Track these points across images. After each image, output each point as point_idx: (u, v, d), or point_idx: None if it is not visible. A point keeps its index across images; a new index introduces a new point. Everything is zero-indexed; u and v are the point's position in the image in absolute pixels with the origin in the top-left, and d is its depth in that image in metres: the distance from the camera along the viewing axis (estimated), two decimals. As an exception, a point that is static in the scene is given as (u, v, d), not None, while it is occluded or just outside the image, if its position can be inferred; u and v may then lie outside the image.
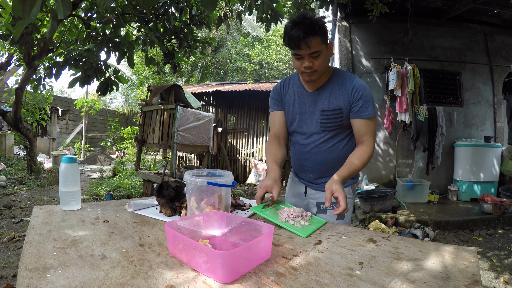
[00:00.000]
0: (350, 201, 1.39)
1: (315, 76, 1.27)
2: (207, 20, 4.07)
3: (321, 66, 1.24)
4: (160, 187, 1.15)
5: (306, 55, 1.21)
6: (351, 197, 1.41)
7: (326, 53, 1.25)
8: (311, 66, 1.23)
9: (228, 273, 0.61)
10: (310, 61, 1.22)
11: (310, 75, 1.26)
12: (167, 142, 4.22)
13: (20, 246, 2.79)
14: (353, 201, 1.46)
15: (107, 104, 18.26)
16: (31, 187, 5.51)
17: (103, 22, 3.28)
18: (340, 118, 1.33)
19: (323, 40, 1.21)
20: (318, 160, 1.40)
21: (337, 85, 1.33)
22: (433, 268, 0.68)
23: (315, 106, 1.36)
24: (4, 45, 6.48)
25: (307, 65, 1.23)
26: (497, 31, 5.31)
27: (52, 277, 0.59)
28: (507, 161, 4.57)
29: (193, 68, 14.58)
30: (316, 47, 1.19)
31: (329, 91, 1.34)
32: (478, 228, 3.62)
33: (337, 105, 1.32)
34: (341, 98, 1.31)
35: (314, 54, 1.21)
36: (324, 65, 1.26)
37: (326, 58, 1.26)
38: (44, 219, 0.97)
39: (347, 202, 1.11)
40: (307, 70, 1.24)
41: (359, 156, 1.27)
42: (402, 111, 4.56)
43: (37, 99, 6.73)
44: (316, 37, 1.18)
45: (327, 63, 1.29)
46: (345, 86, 1.31)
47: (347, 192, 1.36)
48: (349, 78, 1.34)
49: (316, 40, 1.18)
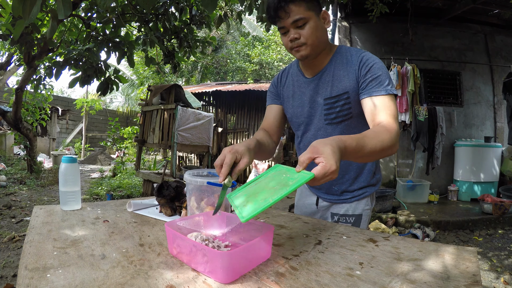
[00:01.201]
0: (368, 212, 1.19)
1: (306, 51, 1.04)
2: (207, 20, 4.07)
3: (311, 37, 1.02)
4: (160, 187, 1.15)
5: (289, 26, 1.02)
6: (368, 208, 1.19)
7: (318, 22, 1.04)
8: (297, 37, 1.03)
9: (228, 273, 0.61)
10: (296, 32, 1.02)
11: (299, 49, 1.05)
12: (167, 142, 4.22)
13: (20, 246, 2.79)
14: (371, 211, 1.21)
15: (107, 104, 18.27)
16: (31, 187, 5.51)
17: (103, 22, 3.28)
18: (347, 105, 1.08)
19: (310, 7, 1.02)
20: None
21: (341, 64, 1.09)
22: (433, 268, 0.68)
23: (317, 94, 1.13)
24: (4, 45, 6.48)
25: (292, 37, 1.03)
26: (497, 31, 5.31)
27: (52, 277, 0.59)
28: (507, 161, 4.57)
29: (193, 68, 14.59)
30: (298, 14, 1.00)
31: (331, 73, 1.10)
32: (478, 228, 3.62)
33: (342, 89, 1.07)
34: (347, 79, 1.07)
35: (298, 23, 1.01)
36: (315, 35, 1.03)
37: (318, 28, 1.04)
38: (44, 219, 0.97)
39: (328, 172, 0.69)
40: (294, 43, 1.04)
41: (375, 133, 0.90)
42: (402, 111, 4.56)
43: (37, 99, 6.73)
44: (299, 2, 1.00)
45: (321, 35, 1.05)
46: (350, 63, 1.07)
47: (364, 204, 1.18)
48: (356, 53, 1.09)
49: (299, 6, 1.00)
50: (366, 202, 1.19)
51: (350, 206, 1.19)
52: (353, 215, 1.18)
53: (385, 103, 0.99)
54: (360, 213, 1.18)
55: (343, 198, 1.20)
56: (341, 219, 1.18)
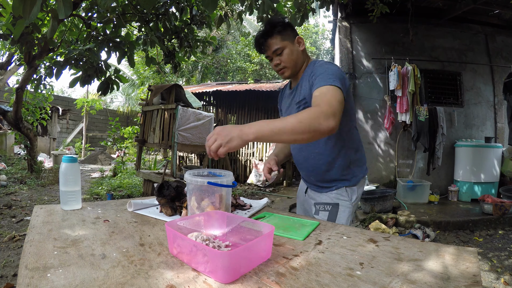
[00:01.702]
0: (347, 204, 1.33)
1: (288, 72, 1.32)
2: (207, 20, 4.07)
3: (288, 61, 1.29)
4: (160, 186, 1.15)
5: (271, 55, 1.30)
6: (346, 200, 1.33)
7: (293, 48, 1.29)
8: (278, 63, 1.30)
9: (228, 273, 0.61)
10: (277, 59, 1.30)
11: (282, 72, 1.33)
12: (168, 142, 4.22)
13: (20, 245, 2.80)
14: (350, 204, 1.34)
15: (108, 104, 18.27)
16: (32, 187, 5.52)
17: (103, 21, 3.28)
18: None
19: (284, 37, 1.27)
20: (309, 164, 1.38)
21: (306, 75, 1.30)
22: (433, 268, 0.68)
23: (293, 101, 1.36)
24: (4, 44, 6.49)
25: (275, 63, 1.31)
26: (498, 31, 5.30)
27: (53, 277, 0.59)
28: (508, 161, 4.57)
29: (193, 68, 14.59)
30: (276, 45, 1.27)
31: (301, 84, 1.32)
32: (478, 228, 3.62)
33: (302, 95, 1.28)
34: (306, 87, 1.27)
35: (277, 51, 1.28)
36: (292, 59, 1.29)
37: (294, 52, 1.30)
38: (44, 219, 0.97)
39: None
40: (277, 68, 1.32)
41: (297, 114, 1.01)
42: (403, 112, 4.56)
43: (38, 99, 6.73)
44: (275, 36, 1.27)
45: (296, 57, 1.31)
46: (309, 74, 1.26)
47: (338, 194, 1.34)
48: (313, 63, 1.30)
49: (275, 40, 1.27)
50: (340, 192, 1.34)
51: (326, 195, 1.37)
52: (329, 204, 1.34)
53: (322, 91, 1.10)
54: (336, 202, 1.33)
55: (319, 186, 1.40)
56: (320, 207, 1.35)
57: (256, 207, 1.27)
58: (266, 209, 1.27)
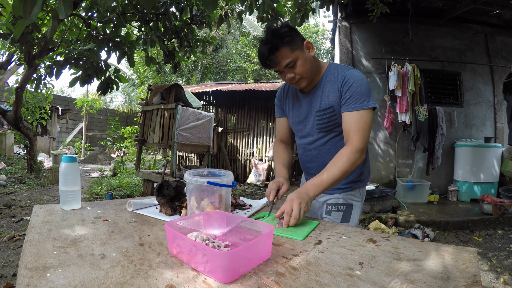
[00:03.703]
0: (359, 204, 1.35)
1: (304, 83, 1.22)
2: (207, 20, 4.07)
3: (304, 72, 1.19)
4: (160, 186, 1.15)
5: (283, 69, 1.18)
6: (358, 200, 1.35)
7: (305, 56, 1.18)
8: (293, 76, 1.19)
9: (228, 273, 0.61)
10: (290, 72, 1.18)
11: (298, 84, 1.23)
12: (167, 141, 4.21)
13: (20, 245, 2.79)
14: (361, 204, 1.37)
15: (108, 104, 18.27)
16: (31, 186, 5.52)
17: (103, 21, 3.27)
18: (334, 117, 1.25)
19: (293, 48, 1.14)
20: (321, 162, 1.34)
21: (329, 81, 1.24)
22: (433, 268, 0.68)
23: (310, 107, 1.30)
24: (4, 44, 6.48)
25: (289, 77, 1.19)
26: (498, 31, 5.31)
27: (52, 276, 0.59)
28: (507, 161, 4.57)
29: (193, 68, 14.58)
30: (286, 58, 1.14)
31: (321, 89, 1.26)
32: (478, 228, 3.62)
33: (328, 103, 1.23)
34: (333, 95, 1.22)
35: (289, 65, 1.16)
36: (307, 68, 1.19)
37: (306, 61, 1.19)
38: (44, 218, 0.97)
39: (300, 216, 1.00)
40: (292, 81, 1.22)
41: (337, 163, 1.12)
42: (403, 111, 4.56)
43: (38, 98, 6.72)
44: (283, 48, 1.12)
45: (310, 65, 1.21)
46: (336, 81, 1.22)
47: (353, 195, 1.34)
48: (342, 70, 1.23)
49: (284, 52, 1.13)
50: (354, 193, 1.34)
51: (338, 196, 1.34)
52: (344, 204, 1.33)
53: (355, 118, 1.16)
54: (350, 203, 1.33)
55: (333, 188, 1.34)
56: (333, 207, 1.33)
57: (256, 206, 1.27)
58: (266, 209, 1.27)
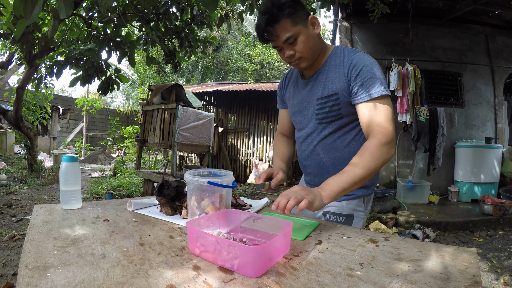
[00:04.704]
0: (361, 215, 1.18)
1: (305, 63, 1.09)
2: (208, 20, 4.07)
3: (305, 50, 1.05)
4: (160, 186, 1.15)
5: (281, 45, 1.05)
6: (361, 210, 1.17)
7: (308, 32, 1.05)
8: (292, 54, 1.06)
9: (260, 268, 0.63)
10: (290, 48, 1.05)
11: (298, 63, 1.09)
12: (168, 141, 4.22)
13: (20, 244, 2.80)
14: (365, 214, 1.19)
15: (108, 103, 18.28)
16: (32, 186, 5.52)
17: (104, 21, 3.27)
18: (336, 106, 1.09)
19: (296, 21, 1.01)
20: (318, 161, 1.20)
21: (334, 66, 1.10)
22: (433, 269, 0.68)
23: (311, 95, 1.16)
24: (5, 44, 6.49)
25: (288, 54, 1.06)
26: (498, 32, 5.30)
27: (53, 276, 0.59)
28: (508, 162, 4.57)
29: (194, 68, 14.60)
30: (286, 32, 1.01)
31: (325, 75, 1.12)
32: (478, 229, 3.62)
33: (332, 90, 1.09)
34: (338, 81, 1.08)
35: (289, 40, 1.03)
36: (309, 46, 1.06)
37: (310, 38, 1.05)
38: (44, 218, 0.97)
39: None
40: (291, 59, 1.08)
41: (359, 160, 0.97)
42: (403, 112, 4.56)
43: (38, 98, 6.74)
44: (283, 20, 1.00)
45: (313, 44, 1.07)
46: (342, 65, 1.08)
47: (355, 204, 1.16)
48: (348, 54, 1.09)
49: (284, 25, 1.00)
50: (357, 203, 1.17)
51: (340, 204, 1.17)
52: (343, 215, 1.16)
53: (374, 107, 1.01)
54: (351, 213, 1.17)
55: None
56: (332, 217, 1.17)
57: (256, 207, 1.27)
58: (266, 209, 1.27)
